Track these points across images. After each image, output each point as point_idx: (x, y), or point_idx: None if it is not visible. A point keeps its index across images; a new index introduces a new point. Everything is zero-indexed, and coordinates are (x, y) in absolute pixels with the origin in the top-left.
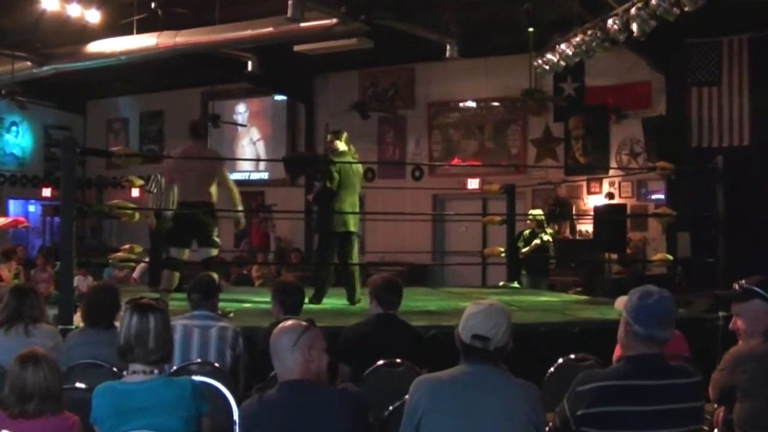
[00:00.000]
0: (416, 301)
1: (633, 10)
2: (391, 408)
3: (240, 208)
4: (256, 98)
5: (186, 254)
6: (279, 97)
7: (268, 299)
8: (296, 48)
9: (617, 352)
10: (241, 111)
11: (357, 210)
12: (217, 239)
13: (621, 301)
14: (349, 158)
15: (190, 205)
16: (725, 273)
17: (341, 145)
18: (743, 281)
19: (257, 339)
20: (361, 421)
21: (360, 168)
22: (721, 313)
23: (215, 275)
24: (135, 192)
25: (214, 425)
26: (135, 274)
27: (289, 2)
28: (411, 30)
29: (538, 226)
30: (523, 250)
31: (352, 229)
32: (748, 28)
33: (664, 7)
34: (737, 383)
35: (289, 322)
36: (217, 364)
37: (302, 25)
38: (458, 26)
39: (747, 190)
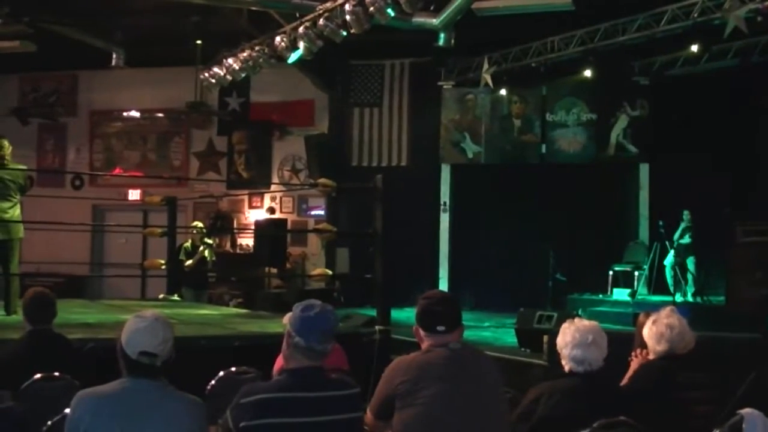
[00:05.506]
0: (73, 313)
1: (301, 29)
2: (49, 423)
3: None
4: None
5: None
6: None
7: None
8: None
9: (278, 364)
10: None
11: (17, 218)
12: None
13: (288, 317)
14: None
15: None
16: (383, 288)
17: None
18: None
19: None
20: None
21: (18, 174)
22: (377, 327)
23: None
24: None
25: None
26: None
27: None
28: (76, 36)
29: (200, 239)
30: (188, 262)
31: (12, 236)
32: (410, 54)
33: (331, 28)
34: (398, 392)
35: None
36: None
37: None
38: (124, 35)
39: (403, 209)
